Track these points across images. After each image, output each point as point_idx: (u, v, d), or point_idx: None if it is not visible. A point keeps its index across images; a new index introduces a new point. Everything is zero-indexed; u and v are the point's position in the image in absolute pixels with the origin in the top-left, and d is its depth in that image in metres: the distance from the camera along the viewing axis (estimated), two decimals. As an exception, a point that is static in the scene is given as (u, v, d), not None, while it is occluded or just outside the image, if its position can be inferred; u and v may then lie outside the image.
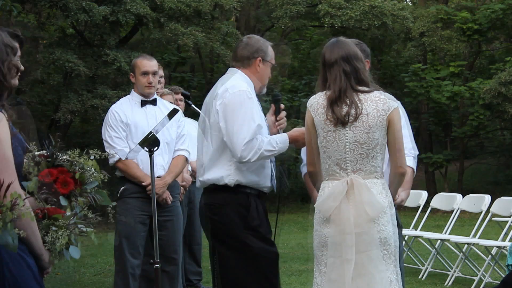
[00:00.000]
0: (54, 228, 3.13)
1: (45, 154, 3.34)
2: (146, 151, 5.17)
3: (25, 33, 13.11)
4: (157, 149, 5.17)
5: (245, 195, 4.46)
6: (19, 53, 3.16)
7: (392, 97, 4.67)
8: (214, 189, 4.44)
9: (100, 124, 6.45)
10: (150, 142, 5.06)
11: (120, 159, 5.95)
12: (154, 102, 6.07)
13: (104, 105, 15.52)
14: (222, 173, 4.42)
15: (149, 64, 6.02)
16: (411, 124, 5.09)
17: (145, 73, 5.98)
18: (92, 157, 3.39)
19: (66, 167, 3.31)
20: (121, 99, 6.23)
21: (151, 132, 5.11)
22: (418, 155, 5.07)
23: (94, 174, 3.35)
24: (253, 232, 4.42)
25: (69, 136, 18.32)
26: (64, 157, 3.35)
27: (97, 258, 10.78)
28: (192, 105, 7.60)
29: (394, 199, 4.18)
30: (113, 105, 6.15)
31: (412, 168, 4.87)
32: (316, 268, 4.09)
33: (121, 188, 5.92)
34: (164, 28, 16.42)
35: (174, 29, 16.13)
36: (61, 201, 3.25)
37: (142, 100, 6.04)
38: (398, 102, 4.71)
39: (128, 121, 5.95)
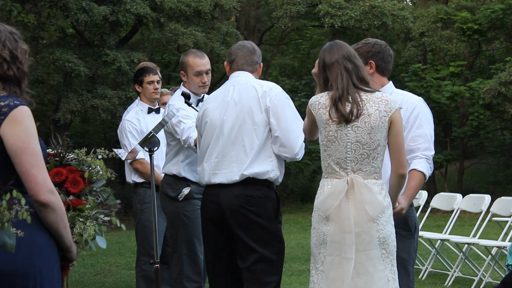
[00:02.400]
0: (81, 219, 3.13)
1: (52, 153, 3.34)
2: (146, 151, 5.16)
3: (25, 33, 13.09)
4: (156, 149, 5.15)
5: (274, 190, 4.60)
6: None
7: (412, 94, 4.63)
8: (253, 182, 4.51)
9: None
10: (150, 142, 5.06)
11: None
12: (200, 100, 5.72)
13: (104, 105, 15.52)
14: (267, 167, 4.51)
15: (202, 62, 5.63)
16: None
17: (199, 73, 5.61)
18: (99, 156, 3.38)
19: (74, 166, 3.31)
20: (175, 97, 5.75)
21: (151, 132, 5.09)
22: None
23: (100, 173, 3.35)
24: (279, 226, 4.59)
25: (69, 136, 18.30)
26: (71, 156, 3.35)
27: (97, 258, 10.78)
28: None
29: (393, 205, 4.13)
30: (174, 101, 5.66)
31: (422, 173, 4.37)
32: (312, 266, 4.08)
33: (188, 189, 5.50)
34: (164, 28, 16.42)
35: (174, 29, 16.12)
36: None
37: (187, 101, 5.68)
38: (421, 98, 4.65)
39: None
